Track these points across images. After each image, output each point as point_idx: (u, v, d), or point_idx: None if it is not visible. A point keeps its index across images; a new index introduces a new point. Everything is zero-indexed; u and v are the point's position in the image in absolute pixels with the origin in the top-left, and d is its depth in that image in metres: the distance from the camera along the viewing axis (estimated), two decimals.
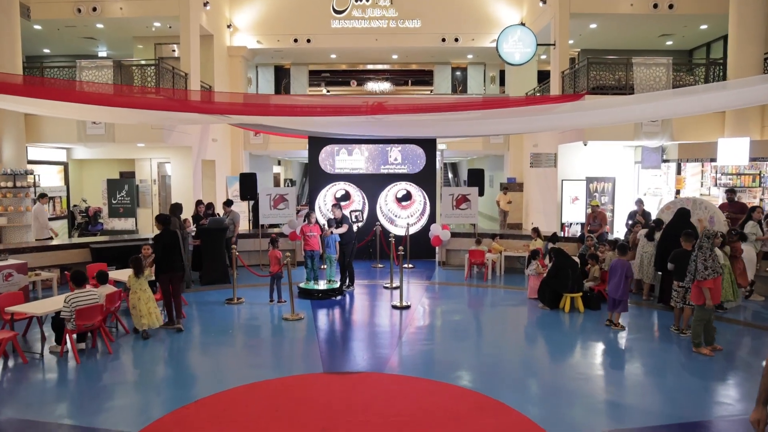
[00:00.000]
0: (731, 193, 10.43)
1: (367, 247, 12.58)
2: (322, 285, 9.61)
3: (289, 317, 8.06)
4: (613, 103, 8.65)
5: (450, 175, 31.44)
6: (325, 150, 13.12)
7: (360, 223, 11.73)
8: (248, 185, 12.73)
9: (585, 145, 13.49)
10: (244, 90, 18.44)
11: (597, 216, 11.10)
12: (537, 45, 13.81)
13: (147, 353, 6.69)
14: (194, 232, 10.48)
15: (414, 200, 13.54)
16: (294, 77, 21.81)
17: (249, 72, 19.88)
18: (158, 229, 7.61)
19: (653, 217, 10.06)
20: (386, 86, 24.69)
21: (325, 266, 9.96)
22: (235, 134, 17.68)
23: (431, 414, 4.98)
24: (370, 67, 23.83)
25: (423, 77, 24.01)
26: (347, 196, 13.60)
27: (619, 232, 13.54)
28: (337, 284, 9.64)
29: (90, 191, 16.19)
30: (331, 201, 13.28)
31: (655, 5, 13.97)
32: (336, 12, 17.96)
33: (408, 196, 13.54)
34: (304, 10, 17.96)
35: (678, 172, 13.37)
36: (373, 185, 13.13)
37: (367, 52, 19.96)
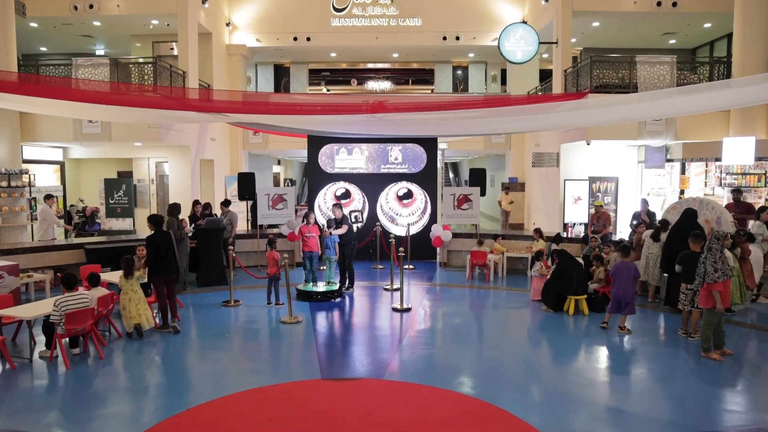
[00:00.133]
0: (737, 193, 10.25)
1: (367, 248, 12.41)
2: (321, 287, 9.43)
3: (287, 320, 7.88)
4: (617, 102, 8.45)
5: (451, 175, 31.27)
6: (325, 149, 12.93)
7: (360, 224, 11.55)
8: (246, 185, 12.57)
9: (588, 145, 13.31)
10: (243, 89, 18.25)
11: (601, 216, 10.93)
12: (539, 43, 13.65)
13: (139, 358, 6.51)
14: (191, 233, 10.31)
15: (415, 198, 13.36)
16: (294, 76, 21.64)
17: (248, 71, 19.70)
18: (150, 230, 7.43)
19: (658, 218, 9.88)
20: (387, 85, 24.52)
21: (324, 267, 9.79)
22: (234, 133, 17.50)
23: (433, 423, 4.80)
24: (371, 66, 23.66)
25: (424, 76, 23.84)
26: (347, 194, 13.41)
27: (623, 233, 13.37)
28: (336, 286, 9.46)
29: (87, 191, 16.00)
30: (332, 200, 13.11)
31: (659, 3, 13.77)
32: (336, 10, 17.78)
33: (409, 194, 13.36)
34: (304, 8, 17.79)
35: (682, 172, 13.19)
36: (374, 185, 12.93)
37: (368, 51, 19.77)
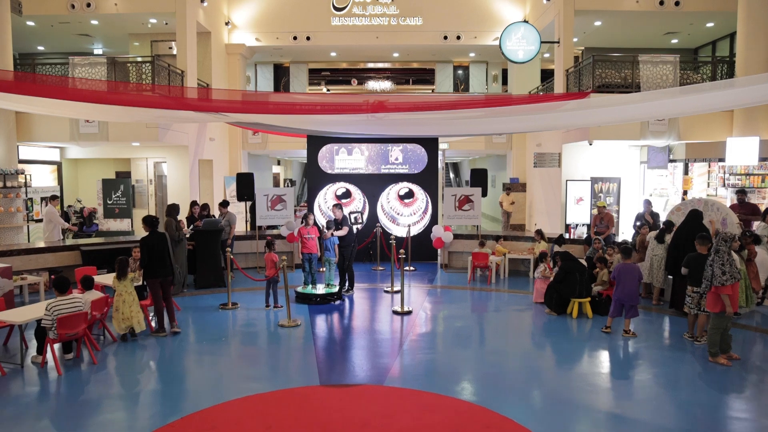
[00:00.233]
0: (742, 195, 10.11)
1: (368, 249, 12.27)
2: (320, 289, 9.29)
3: (286, 324, 7.75)
4: (619, 102, 8.30)
5: (451, 176, 31.14)
6: (325, 149, 12.79)
7: (360, 225, 11.41)
8: (245, 185, 12.42)
9: (590, 145, 13.17)
10: (243, 89, 18.12)
11: (604, 217, 10.78)
12: (541, 42, 13.52)
13: (134, 363, 6.37)
14: (189, 234, 10.17)
15: (416, 198, 13.23)
16: (293, 75, 21.52)
17: (248, 70, 19.58)
18: (145, 231, 7.29)
19: (662, 219, 9.75)
20: (387, 85, 24.41)
21: (324, 269, 9.65)
22: (233, 133, 17.37)
23: (434, 431, 4.67)
24: (371, 66, 23.55)
25: (424, 76, 23.73)
26: (348, 194, 13.27)
27: (625, 234, 13.24)
28: (336, 288, 9.32)
29: (85, 191, 15.86)
30: (332, 199, 12.97)
31: (661, 2, 13.63)
32: (336, 9, 17.66)
33: (411, 194, 13.22)
34: (304, 7, 17.66)
35: (685, 173, 13.06)
36: (374, 185, 12.79)
37: (368, 50, 19.64)
